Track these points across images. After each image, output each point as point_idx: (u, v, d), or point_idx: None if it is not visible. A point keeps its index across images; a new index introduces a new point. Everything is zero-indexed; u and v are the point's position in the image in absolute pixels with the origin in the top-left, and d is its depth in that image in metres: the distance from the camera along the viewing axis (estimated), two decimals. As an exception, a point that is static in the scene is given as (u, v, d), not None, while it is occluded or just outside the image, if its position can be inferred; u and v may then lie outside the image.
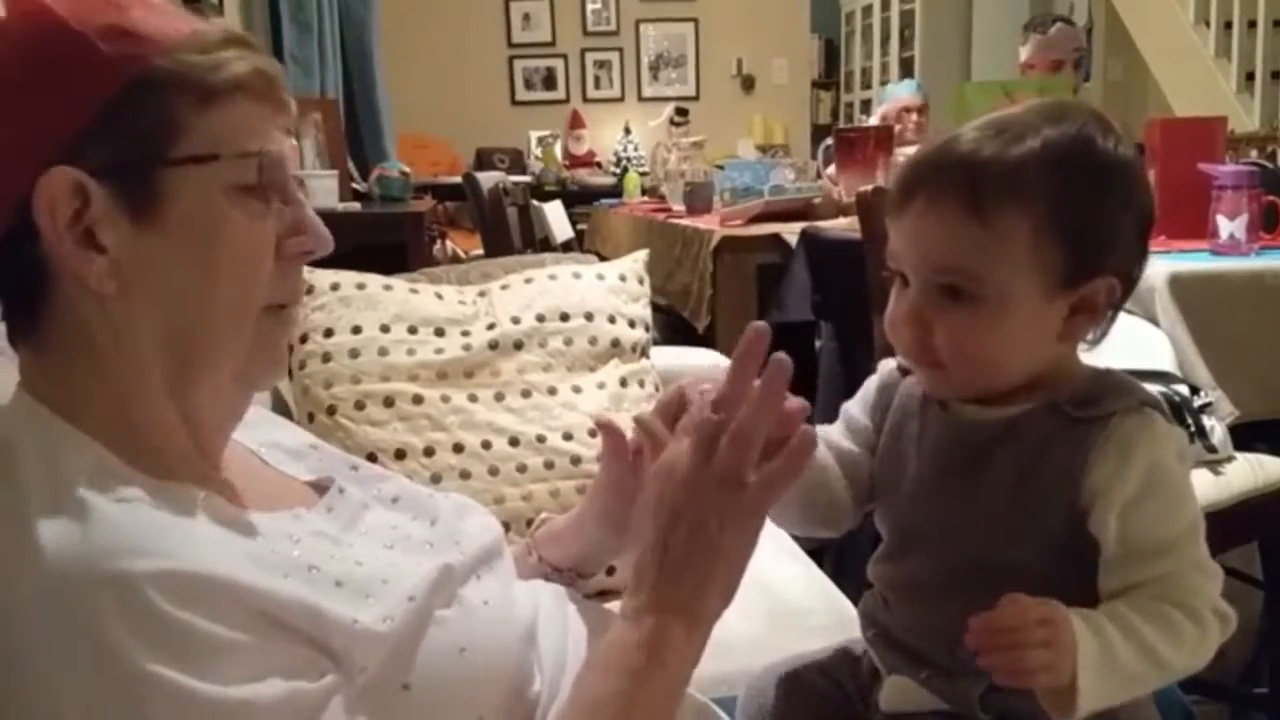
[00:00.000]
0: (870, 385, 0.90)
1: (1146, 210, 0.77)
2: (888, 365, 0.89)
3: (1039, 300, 0.74)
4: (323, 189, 2.99)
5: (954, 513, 0.79)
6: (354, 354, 1.35)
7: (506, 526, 1.01)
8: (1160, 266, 1.77)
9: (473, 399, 1.36)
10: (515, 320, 1.44)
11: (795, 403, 0.73)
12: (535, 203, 4.11)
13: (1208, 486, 1.59)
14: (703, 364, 1.70)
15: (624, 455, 0.88)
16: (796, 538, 1.40)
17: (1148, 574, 0.73)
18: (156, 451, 0.69)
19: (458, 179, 4.71)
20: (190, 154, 0.67)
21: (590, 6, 6.88)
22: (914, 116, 4.23)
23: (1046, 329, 0.76)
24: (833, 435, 0.88)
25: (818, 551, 1.52)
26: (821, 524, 0.86)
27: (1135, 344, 1.71)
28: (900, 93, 4.46)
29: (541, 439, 1.35)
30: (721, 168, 3.38)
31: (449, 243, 5.00)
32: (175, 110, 0.66)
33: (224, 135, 0.68)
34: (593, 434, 1.34)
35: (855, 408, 0.90)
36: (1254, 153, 3.11)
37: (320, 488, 0.82)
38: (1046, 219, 0.73)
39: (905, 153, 3.04)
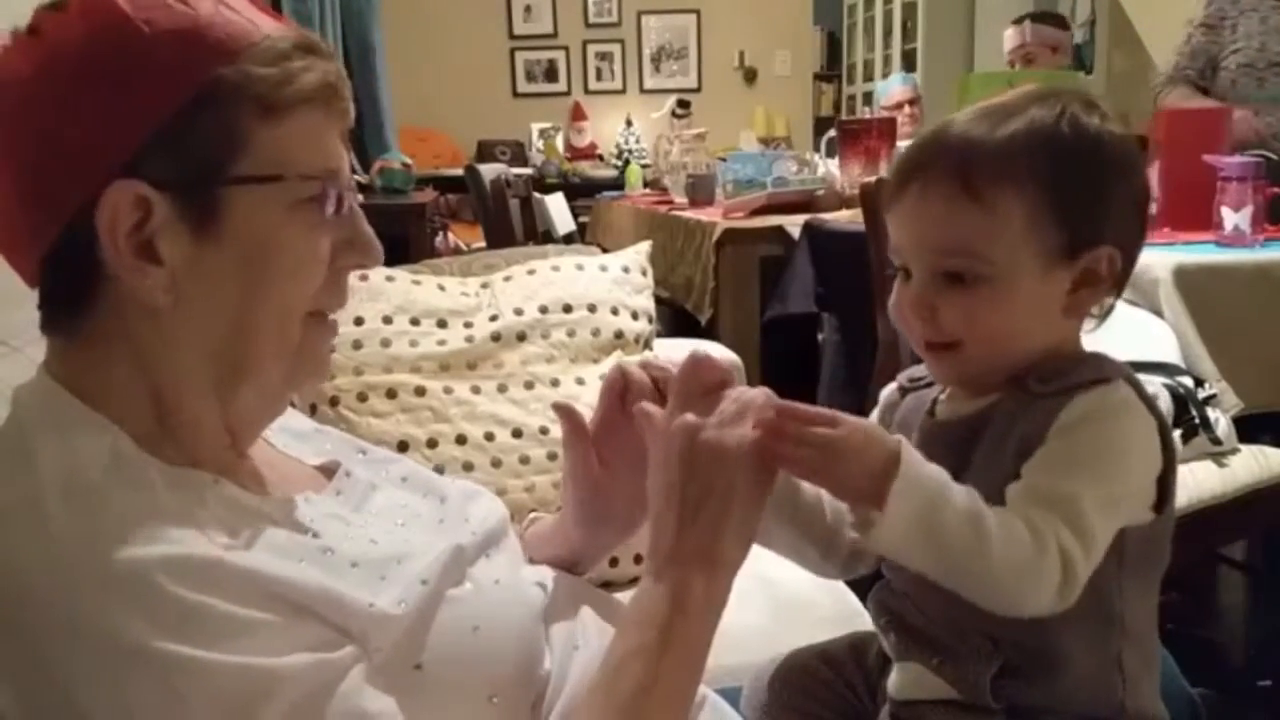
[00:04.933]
0: (871, 419, 0.90)
1: (1140, 182, 0.78)
2: (888, 390, 0.90)
3: (1040, 275, 0.75)
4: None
5: None
6: (357, 345, 1.35)
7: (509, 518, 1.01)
8: (1165, 258, 1.77)
9: (476, 391, 1.36)
10: (518, 312, 1.44)
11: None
12: (537, 195, 4.10)
13: (1212, 478, 1.60)
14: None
15: (585, 437, 0.87)
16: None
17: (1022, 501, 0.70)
18: (182, 442, 0.69)
19: (459, 171, 4.70)
20: (254, 173, 0.67)
21: (592, -2, 6.87)
22: (906, 109, 4.23)
23: (1051, 304, 0.76)
24: None
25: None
26: (823, 554, 0.85)
27: (1139, 336, 1.71)
28: (892, 87, 4.46)
29: (544, 431, 1.35)
30: (724, 160, 3.36)
31: (451, 235, 5.00)
32: (239, 123, 0.66)
33: (288, 152, 0.68)
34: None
35: None
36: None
37: (328, 471, 0.82)
38: (1039, 194, 0.73)
39: (904, 146, 3.05)
